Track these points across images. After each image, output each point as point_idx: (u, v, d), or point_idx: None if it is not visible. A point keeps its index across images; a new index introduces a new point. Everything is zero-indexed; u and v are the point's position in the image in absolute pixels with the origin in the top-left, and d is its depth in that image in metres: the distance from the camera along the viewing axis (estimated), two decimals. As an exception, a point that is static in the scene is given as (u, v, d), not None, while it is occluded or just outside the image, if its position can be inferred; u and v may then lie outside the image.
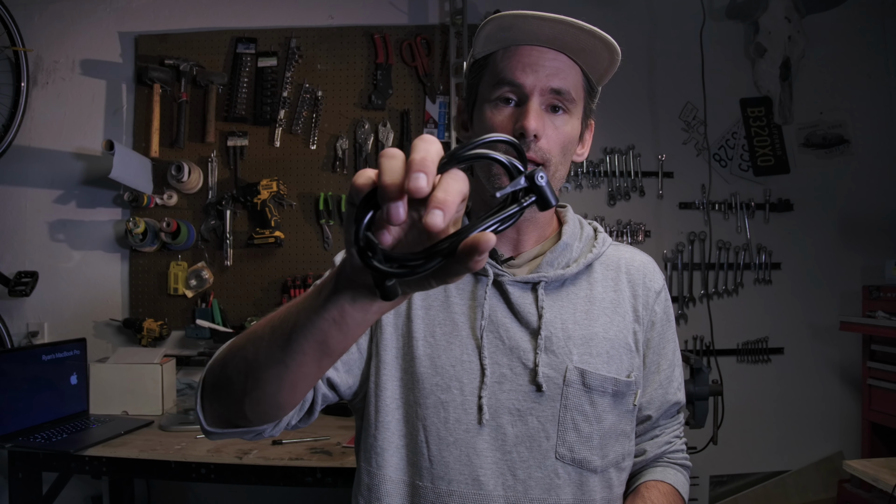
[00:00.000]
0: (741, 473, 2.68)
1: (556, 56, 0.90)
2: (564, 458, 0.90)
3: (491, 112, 0.91)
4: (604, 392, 0.92)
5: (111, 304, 2.61)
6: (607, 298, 0.97)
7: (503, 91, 0.90)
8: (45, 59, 2.64)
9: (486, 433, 0.89)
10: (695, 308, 2.66)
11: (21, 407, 2.07)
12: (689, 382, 1.92)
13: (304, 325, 0.61)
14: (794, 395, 2.66)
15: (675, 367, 1.02)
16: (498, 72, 0.90)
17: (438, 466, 0.89)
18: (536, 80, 0.88)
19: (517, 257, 0.98)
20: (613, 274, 1.00)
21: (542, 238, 1.00)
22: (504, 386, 0.90)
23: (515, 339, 0.92)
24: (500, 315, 0.93)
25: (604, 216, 2.65)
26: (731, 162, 2.69)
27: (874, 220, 2.66)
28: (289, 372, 0.66)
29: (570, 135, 0.92)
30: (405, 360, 0.93)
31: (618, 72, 0.93)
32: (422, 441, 0.90)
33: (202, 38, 2.63)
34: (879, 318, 2.31)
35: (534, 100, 0.88)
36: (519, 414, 0.90)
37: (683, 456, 1.05)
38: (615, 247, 1.04)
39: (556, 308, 0.94)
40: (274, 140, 2.59)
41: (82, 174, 2.62)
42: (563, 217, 1.04)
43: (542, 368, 0.90)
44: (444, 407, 0.90)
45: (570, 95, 0.90)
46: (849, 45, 2.69)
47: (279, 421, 0.80)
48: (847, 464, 1.87)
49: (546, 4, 2.34)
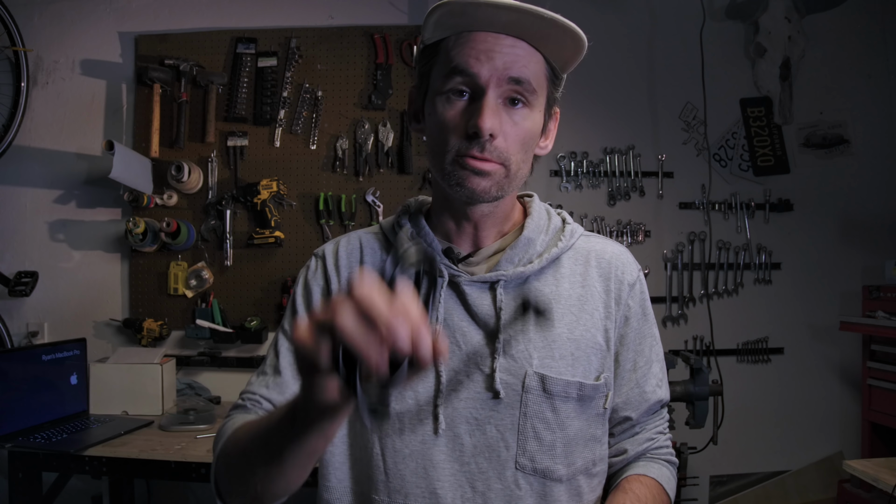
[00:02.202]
0: (741, 473, 2.68)
1: (514, 42, 0.81)
2: (525, 468, 0.85)
3: (442, 106, 0.82)
4: (567, 397, 0.86)
5: (111, 304, 2.61)
6: (574, 295, 0.90)
7: (455, 82, 0.81)
8: (45, 59, 2.64)
9: (443, 444, 0.85)
10: (695, 308, 2.66)
11: (21, 407, 2.07)
12: (689, 382, 1.92)
13: (293, 446, 0.66)
14: (794, 395, 2.66)
15: (653, 364, 0.95)
16: (450, 60, 0.81)
17: (394, 479, 0.85)
18: (492, 70, 0.79)
19: (476, 254, 0.91)
20: (582, 268, 0.93)
21: (504, 232, 0.93)
22: (461, 394, 0.85)
23: (472, 344, 0.86)
24: (456, 318, 0.87)
25: (604, 216, 2.65)
26: (731, 162, 2.69)
27: (874, 220, 2.66)
28: (284, 475, 0.72)
29: (531, 130, 0.85)
30: None
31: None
32: (377, 454, 0.86)
33: (202, 38, 2.63)
34: (879, 318, 2.31)
35: (489, 93, 0.80)
36: (477, 423, 0.85)
37: (668, 452, 0.99)
38: (586, 238, 0.96)
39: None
40: (274, 140, 2.59)
41: (82, 174, 2.62)
42: (528, 208, 0.96)
43: (499, 374, 0.84)
44: (399, 418, 0.85)
45: (530, 86, 0.81)
46: (849, 45, 2.69)
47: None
48: (847, 464, 1.87)
49: (546, 5, 2.32)
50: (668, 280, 2.66)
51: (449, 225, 0.92)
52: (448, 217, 0.91)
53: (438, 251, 0.89)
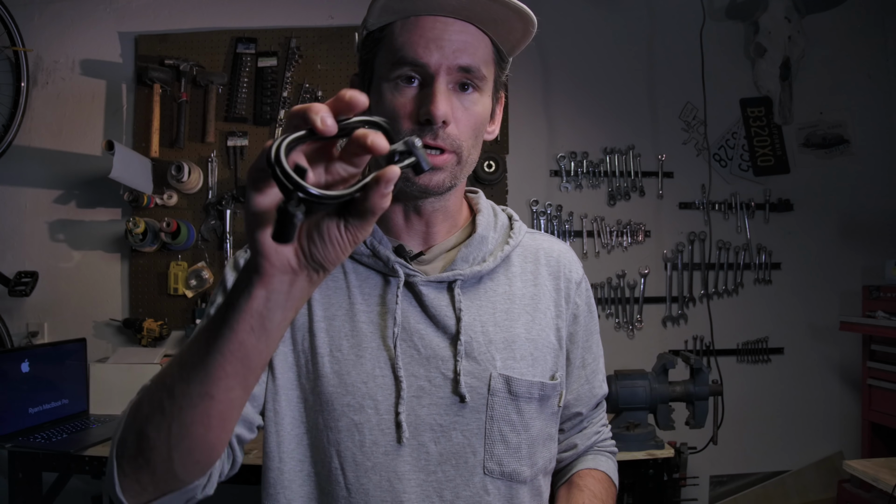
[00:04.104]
0: (741, 473, 2.68)
1: (463, 28, 0.78)
2: (493, 472, 0.83)
3: (391, 94, 0.79)
4: (530, 398, 0.85)
5: (111, 304, 2.61)
6: (527, 294, 0.89)
7: (404, 70, 0.78)
8: (45, 59, 2.64)
9: (407, 454, 0.81)
10: (695, 308, 2.66)
11: (21, 407, 2.07)
12: (689, 382, 1.92)
13: (221, 345, 0.56)
14: (794, 395, 2.66)
15: (599, 360, 0.99)
16: (397, 48, 0.78)
17: (357, 495, 0.80)
18: (442, 58, 0.76)
19: (427, 252, 0.88)
20: (532, 266, 0.92)
21: (454, 229, 0.90)
22: (423, 400, 0.81)
23: (433, 347, 0.83)
24: (413, 321, 0.83)
25: (604, 216, 2.65)
26: (731, 162, 2.69)
27: (874, 220, 2.66)
28: (215, 402, 0.59)
29: (482, 115, 0.82)
30: (309, 380, 0.83)
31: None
32: (336, 468, 0.81)
33: (202, 38, 2.62)
34: (879, 318, 2.31)
35: (440, 80, 0.77)
36: (442, 429, 0.81)
37: (611, 443, 1.03)
38: (531, 235, 0.96)
39: (475, 309, 0.85)
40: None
41: (82, 174, 2.62)
42: (475, 205, 0.94)
43: (464, 378, 0.82)
44: (359, 429, 0.80)
45: (480, 72, 0.79)
46: (849, 45, 2.69)
47: (211, 471, 0.72)
48: (847, 464, 1.87)
49: (547, 5, 2.35)
50: (668, 280, 2.66)
51: (397, 220, 0.87)
52: (396, 212, 0.87)
53: (389, 249, 0.85)
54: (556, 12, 2.58)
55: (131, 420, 0.65)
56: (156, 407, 0.61)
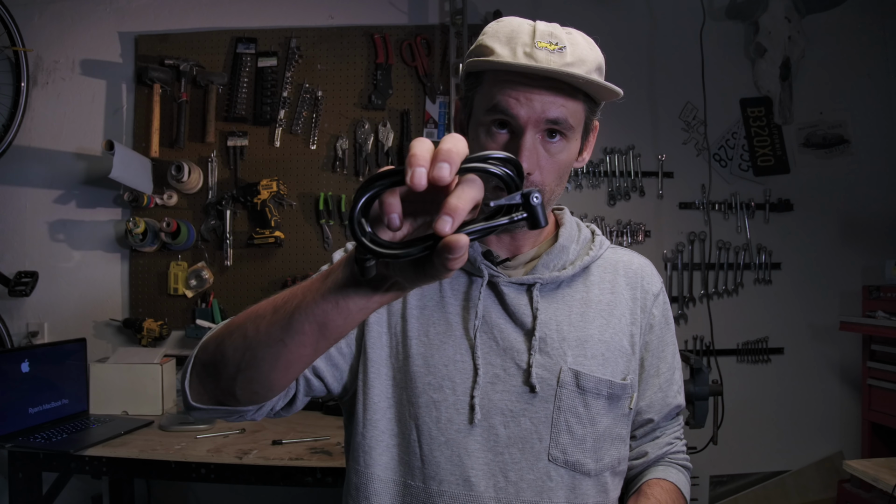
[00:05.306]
0: (741, 473, 2.68)
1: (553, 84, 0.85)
2: (557, 460, 0.89)
3: (485, 137, 0.88)
4: (598, 394, 0.91)
5: (111, 304, 2.61)
6: (604, 301, 0.96)
7: (497, 117, 0.86)
8: (45, 59, 2.64)
9: (478, 434, 0.88)
10: (695, 308, 2.66)
11: (21, 407, 2.07)
12: (689, 382, 1.92)
13: (308, 306, 0.64)
14: (794, 395, 2.66)
15: (674, 371, 1.02)
16: (491, 97, 0.86)
17: (430, 466, 0.88)
18: (531, 113, 0.84)
19: (513, 259, 0.97)
20: (611, 277, 0.99)
21: (539, 241, 0.99)
22: (497, 386, 0.89)
23: (509, 340, 0.91)
24: (494, 316, 0.92)
25: (604, 216, 2.65)
26: (731, 162, 2.69)
27: (874, 220, 2.66)
28: (286, 351, 0.68)
29: (567, 161, 0.90)
30: (399, 358, 0.92)
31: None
32: (414, 440, 0.89)
33: (202, 38, 2.63)
34: (879, 318, 2.31)
35: (528, 134, 0.84)
36: (512, 415, 0.89)
37: (684, 457, 1.05)
38: (613, 249, 1.03)
39: (552, 310, 0.93)
40: (274, 140, 2.59)
41: (82, 174, 2.62)
42: (560, 219, 1.03)
43: (535, 369, 0.89)
44: (436, 406, 0.89)
45: (567, 123, 0.86)
46: (849, 45, 2.69)
47: (264, 404, 0.81)
48: (847, 464, 1.87)
49: (547, 5, 2.33)
50: (668, 280, 2.66)
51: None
52: None
53: (478, 253, 0.93)
54: (557, 12, 2.57)
55: (222, 331, 0.76)
56: (242, 331, 0.72)
